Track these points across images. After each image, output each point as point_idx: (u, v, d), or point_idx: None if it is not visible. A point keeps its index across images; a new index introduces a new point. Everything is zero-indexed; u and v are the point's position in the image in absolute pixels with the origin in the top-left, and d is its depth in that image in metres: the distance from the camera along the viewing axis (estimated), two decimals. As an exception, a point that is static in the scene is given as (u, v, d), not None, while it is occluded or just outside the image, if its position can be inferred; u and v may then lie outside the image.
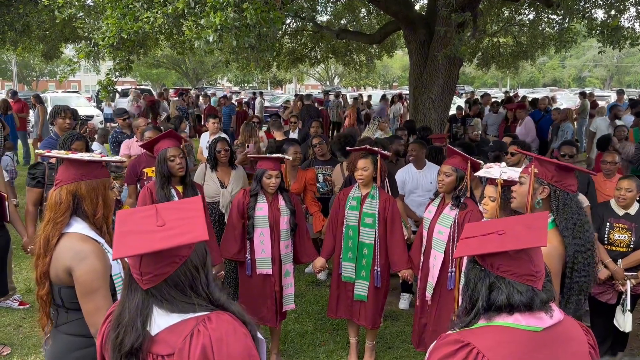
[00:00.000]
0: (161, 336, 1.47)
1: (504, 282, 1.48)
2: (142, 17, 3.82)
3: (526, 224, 1.56)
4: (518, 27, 13.16)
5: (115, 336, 1.49)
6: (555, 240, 2.27)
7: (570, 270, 2.25)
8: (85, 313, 2.11)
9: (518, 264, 1.48)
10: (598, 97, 19.09)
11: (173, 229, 1.47)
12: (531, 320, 1.46)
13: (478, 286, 1.52)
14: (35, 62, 34.47)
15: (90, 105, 21.68)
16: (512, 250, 1.47)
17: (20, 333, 4.51)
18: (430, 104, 9.21)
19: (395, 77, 48.15)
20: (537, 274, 1.49)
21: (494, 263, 1.50)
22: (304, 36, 13.67)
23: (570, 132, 9.34)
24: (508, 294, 1.47)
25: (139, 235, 1.45)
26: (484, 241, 1.53)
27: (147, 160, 4.73)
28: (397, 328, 4.81)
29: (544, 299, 1.50)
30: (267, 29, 3.66)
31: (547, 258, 2.21)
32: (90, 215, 2.21)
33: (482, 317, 1.51)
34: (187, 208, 1.59)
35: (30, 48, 11.74)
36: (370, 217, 3.89)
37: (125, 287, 1.54)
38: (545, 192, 2.34)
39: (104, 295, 2.12)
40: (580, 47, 42.60)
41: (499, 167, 2.91)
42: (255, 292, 3.95)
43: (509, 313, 1.47)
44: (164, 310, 1.48)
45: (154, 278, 1.47)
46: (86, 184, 2.20)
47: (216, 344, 1.44)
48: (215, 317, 1.49)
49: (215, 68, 35.66)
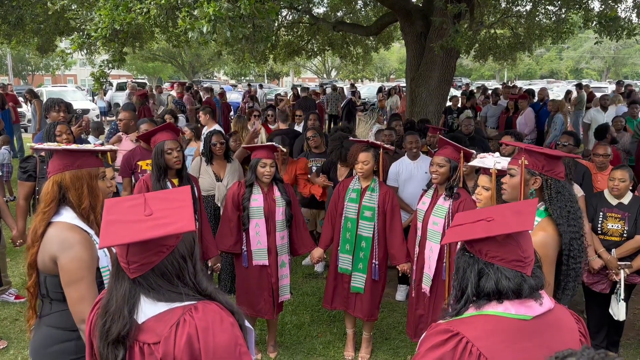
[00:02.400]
0: (148, 324, 1.47)
1: (493, 268, 1.48)
2: (134, 8, 3.79)
3: (515, 210, 1.57)
4: (515, 19, 13.10)
5: (103, 324, 1.49)
6: (550, 228, 2.28)
7: (566, 258, 2.27)
8: (69, 302, 2.11)
9: (506, 250, 1.48)
10: (595, 88, 19.08)
11: (160, 218, 1.47)
12: (521, 309, 1.46)
13: (467, 273, 1.52)
14: (30, 56, 34.28)
15: (86, 98, 21.58)
16: (500, 235, 1.47)
17: (17, 327, 4.51)
18: (427, 96, 9.19)
19: (392, 69, 48.05)
20: (525, 260, 1.49)
21: (482, 249, 1.50)
22: (300, 28, 13.60)
23: (560, 123, 9.33)
24: (496, 280, 1.47)
25: (126, 225, 1.45)
26: (472, 228, 1.54)
27: (141, 153, 4.71)
28: (394, 319, 4.82)
29: (533, 285, 1.49)
30: (261, 19, 3.64)
31: (543, 246, 2.22)
32: (76, 205, 2.21)
33: (472, 305, 1.51)
34: (175, 198, 1.59)
35: (24, 41, 11.64)
36: (370, 210, 3.89)
37: (113, 275, 1.54)
38: (537, 183, 2.34)
39: (89, 284, 2.11)
40: (577, 39, 42.55)
41: (492, 157, 2.90)
42: (252, 284, 3.96)
43: (498, 301, 1.47)
44: (150, 299, 1.48)
45: (141, 267, 1.47)
46: (70, 173, 2.21)
47: (202, 333, 1.44)
48: (201, 307, 1.49)
49: (211, 61, 35.51)
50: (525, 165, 2.34)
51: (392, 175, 5.19)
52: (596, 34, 8.44)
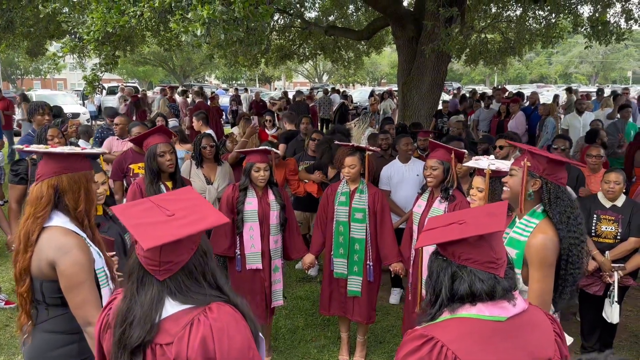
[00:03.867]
0: (162, 325, 1.45)
1: (466, 270, 1.49)
2: (128, 11, 3.76)
3: (487, 211, 1.59)
4: (505, 23, 13.21)
5: (122, 332, 1.45)
6: (550, 231, 2.27)
7: (565, 263, 2.26)
8: (72, 306, 2.09)
9: (478, 252, 1.49)
10: (584, 92, 19.27)
11: (187, 216, 1.47)
12: (494, 310, 1.46)
13: (441, 276, 1.52)
14: (20, 59, 34.00)
15: (76, 102, 21.43)
16: (472, 237, 1.48)
17: (7, 333, 4.45)
18: (419, 100, 9.23)
19: (384, 73, 48.24)
20: (498, 261, 1.50)
21: (455, 252, 1.51)
22: (292, 33, 13.62)
23: (551, 127, 9.41)
24: (470, 282, 1.47)
25: (156, 226, 1.43)
26: (445, 231, 1.55)
27: (133, 156, 4.68)
28: (388, 322, 4.81)
29: (506, 286, 1.49)
30: (255, 22, 3.63)
31: (542, 248, 2.22)
32: (72, 209, 2.18)
33: (446, 309, 1.51)
34: (185, 198, 1.60)
35: (14, 45, 11.53)
36: (360, 212, 3.88)
37: (134, 282, 1.50)
38: (537, 185, 2.34)
39: (90, 287, 2.10)
40: (566, 44, 43.00)
41: (487, 158, 2.91)
42: (246, 288, 3.93)
43: (471, 303, 1.47)
44: (176, 302, 1.47)
45: (173, 267, 1.46)
46: (67, 177, 2.17)
47: (217, 334, 1.42)
48: (216, 308, 1.48)
49: (202, 65, 35.45)
50: (527, 167, 2.34)
51: (384, 179, 5.18)
52: (586, 39, 8.54)
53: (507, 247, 2.33)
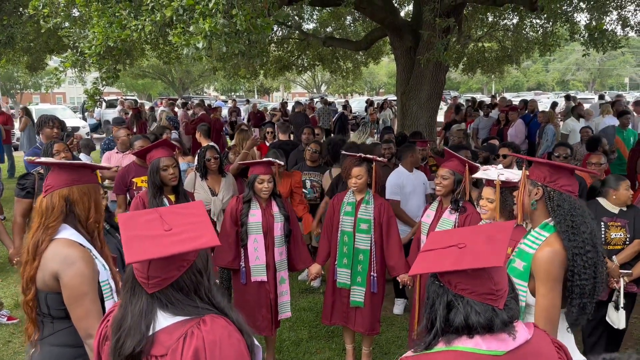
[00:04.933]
0: (157, 337, 1.46)
1: (462, 301, 1.41)
2: (129, 25, 3.78)
3: (488, 235, 1.50)
4: (502, 32, 13.30)
5: (117, 339, 1.46)
6: (557, 244, 2.21)
7: (571, 274, 2.20)
8: (74, 318, 2.09)
9: (477, 283, 1.41)
10: (582, 99, 19.35)
11: (182, 233, 1.47)
12: (492, 344, 1.38)
13: (436, 304, 1.45)
14: (19, 74, 34.13)
15: (76, 116, 21.48)
16: (469, 269, 1.41)
17: (10, 349, 4.41)
18: (418, 109, 9.27)
19: (382, 83, 48.45)
20: (497, 293, 1.42)
21: (452, 280, 1.43)
22: (290, 44, 13.70)
23: (551, 134, 9.43)
24: (465, 314, 1.39)
25: (149, 240, 1.44)
26: (442, 256, 1.47)
27: (136, 169, 4.67)
28: (393, 333, 4.78)
29: (505, 319, 1.41)
30: (256, 35, 3.66)
31: (548, 262, 2.19)
32: (83, 220, 2.21)
33: (442, 339, 1.44)
34: (191, 213, 1.60)
35: (14, 60, 11.61)
36: (366, 222, 3.87)
37: (128, 291, 1.51)
38: (538, 194, 2.30)
39: (92, 300, 2.10)
40: (563, 51, 43.22)
41: (495, 168, 2.90)
42: (250, 301, 3.91)
43: (469, 336, 1.40)
44: (168, 313, 1.47)
45: (161, 282, 1.46)
46: (78, 188, 2.21)
47: (209, 346, 1.42)
48: (210, 320, 1.47)
49: (201, 77, 35.59)
50: (528, 177, 2.33)
51: (393, 188, 5.10)
52: (583, 47, 8.59)
53: (516, 259, 2.31)
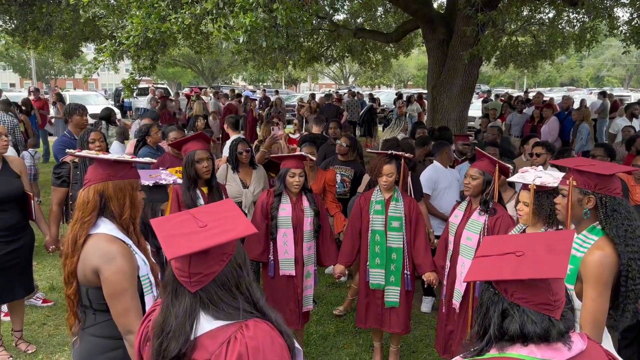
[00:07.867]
0: (200, 341, 1.46)
1: (518, 309, 1.38)
2: (170, 18, 3.81)
3: (548, 244, 1.45)
4: (537, 26, 12.97)
5: (159, 343, 1.47)
6: (607, 248, 2.19)
7: (625, 279, 2.17)
8: (114, 314, 2.11)
9: (534, 292, 1.37)
10: (617, 97, 18.78)
11: (217, 227, 1.47)
12: (547, 353, 1.35)
13: (490, 311, 1.43)
14: (54, 60, 34.91)
15: (109, 103, 21.88)
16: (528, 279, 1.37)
17: (45, 331, 4.54)
18: (449, 103, 9.13)
19: (410, 75, 47.91)
20: (555, 303, 1.38)
21: (508, 289, 1.40)
22: (320, 35, 13.62)
23: (585, 133, 9.17)
24: (521, 323, 1.37)
25: (185, 237, 1.45)
26: (499, 263, 1.43)
27: (171, 160, 4.73)
28: (421, 332, 4.75)
29: (562, 330, 1.38)
30: (296, 29, 3.64)
31: (599, 265, 2.15)
32: (117, 216, 2.20)
33: (495, 346, 1.42)
34: (222, 209, 1.61)
35: (50, 47, 11.86)
36: (397, 220, 3.83)
37: (169, 293, 1.52)
38: (591, 202, 2.25)
39: (132, 296, 2.11)
40: (599, 47, 41.94)
41: (534, 171, 2.83)
42: (279, 294, 3.93)
43: (523, 344, 1.37)
44: (209, 316, 1.47)
45: (203, 278, 1.46)
46: (113, 184, 2.19)
47: (252, 352, 1.42)
48: (253, 325, 1.47)
49: (230, 67, 35.79)
50: (575, 185, 2.26)
51: (428, 183, 5.11)
52: (623, 42, 8.32)
53: None
